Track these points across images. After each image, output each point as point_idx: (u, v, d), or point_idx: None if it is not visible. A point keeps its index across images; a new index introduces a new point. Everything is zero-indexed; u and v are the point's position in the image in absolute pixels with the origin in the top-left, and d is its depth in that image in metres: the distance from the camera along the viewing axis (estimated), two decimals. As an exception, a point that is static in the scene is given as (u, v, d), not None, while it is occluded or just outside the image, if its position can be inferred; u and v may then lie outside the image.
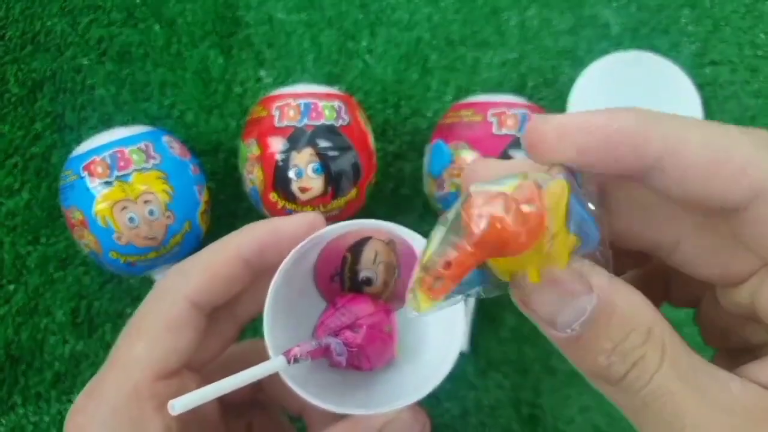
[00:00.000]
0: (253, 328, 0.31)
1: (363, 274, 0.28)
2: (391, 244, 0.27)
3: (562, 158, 0.19)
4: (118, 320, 0.46)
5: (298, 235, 0.25)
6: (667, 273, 0.24)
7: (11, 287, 0.46)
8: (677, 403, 0.18)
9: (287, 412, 0.33)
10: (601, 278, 0.18)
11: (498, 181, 0.18)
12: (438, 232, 0.18)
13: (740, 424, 0.18)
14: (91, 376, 0.45)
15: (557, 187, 0.18)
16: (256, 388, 0.32)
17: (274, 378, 0.26)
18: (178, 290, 0.25)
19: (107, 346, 0.46)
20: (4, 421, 0.45)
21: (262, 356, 0.31)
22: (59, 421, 0.45)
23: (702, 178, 0.18)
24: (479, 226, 0.17)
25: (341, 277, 0.28)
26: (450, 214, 0.18)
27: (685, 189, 0.18)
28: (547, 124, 0.19)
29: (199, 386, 0.27)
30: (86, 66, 0.49)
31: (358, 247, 0.27)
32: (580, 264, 0.18)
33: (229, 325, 0.29)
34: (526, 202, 0.17)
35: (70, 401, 0.45)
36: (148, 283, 0.46)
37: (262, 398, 0.34)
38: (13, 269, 0.46)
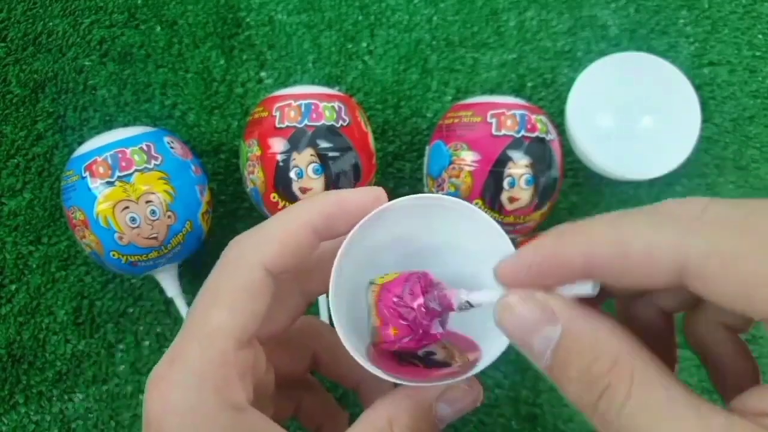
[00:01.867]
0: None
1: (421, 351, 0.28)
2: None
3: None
4: (119, 320, 0.47)
5: (363, 208, 0.26)
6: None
7: (13, 287, 0.47)
8: None
9: (341, 384, 0.34)
10: (564, 309, 0.20)
11: None
12: None
13: None
14: (93, 375, 0.46)
15: None
16: (312, 365, 0.33)
17: (332, 352, 0.28)
18: (254, 257, 0.25)
19: (109, 346, 0.46)
20: (5, 420, 0.45)
21: (319, 332, 0.33)
22: (61, 420, 0.45)
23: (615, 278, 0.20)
24: None
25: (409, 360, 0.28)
26: None
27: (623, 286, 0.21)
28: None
29: (265, 358, 0.28)
30: (88, 67, 0.49)
31: None
32: (544, 297, 0.20)
33: (298, 300, 0.29)
34: None
35: (71, 400, 0.46)
36: (150, 283, 0.47)
37: (311, 380, 0.35)
38: (15, 269, 0.47)
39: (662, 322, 0.24)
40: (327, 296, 0.26)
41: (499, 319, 0.22)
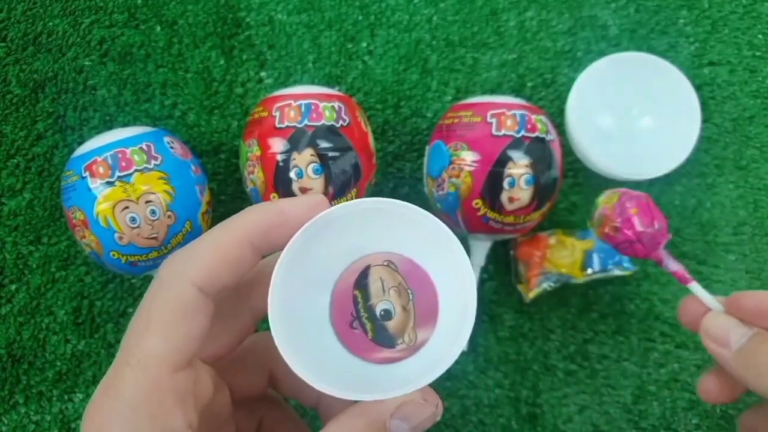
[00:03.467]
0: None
1: (379, 307, 0.28)
2: (390, 264, 0.27)
3: None
4: (119, 320, 0.47)
5: (303, 216, 0.25)
6: None
7: (13, 287, 0.47)
8: None
9: (302, 403, 0.33)
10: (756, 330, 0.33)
11: None
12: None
13: None
14: (93, 375, 0.46)
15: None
16: (270, 382, 0.32)
17: (289, 370, 0.26)
18: (185, 276, 0.24)
19: (109, 346, 0.46)
20: (6, 420, 0.45)
21: (273, 349, 0.31)
22: (61, 420, 0.45)
23: None
24: None
25: (360, 322, 0.28)
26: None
27: None
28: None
29: (213, 380, 0.26)
30: (88, 66, 0.49)
31: (362, 281, 0.27)
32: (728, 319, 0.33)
33: (245, 318, 0.28)
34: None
35: (71, 400, 0.46)
36: (149, 283, 0.47)
37: (273, 395, 0.34)
38: (15, 269, 0.47)
39: None
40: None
41: (709, 320, 0.34)
